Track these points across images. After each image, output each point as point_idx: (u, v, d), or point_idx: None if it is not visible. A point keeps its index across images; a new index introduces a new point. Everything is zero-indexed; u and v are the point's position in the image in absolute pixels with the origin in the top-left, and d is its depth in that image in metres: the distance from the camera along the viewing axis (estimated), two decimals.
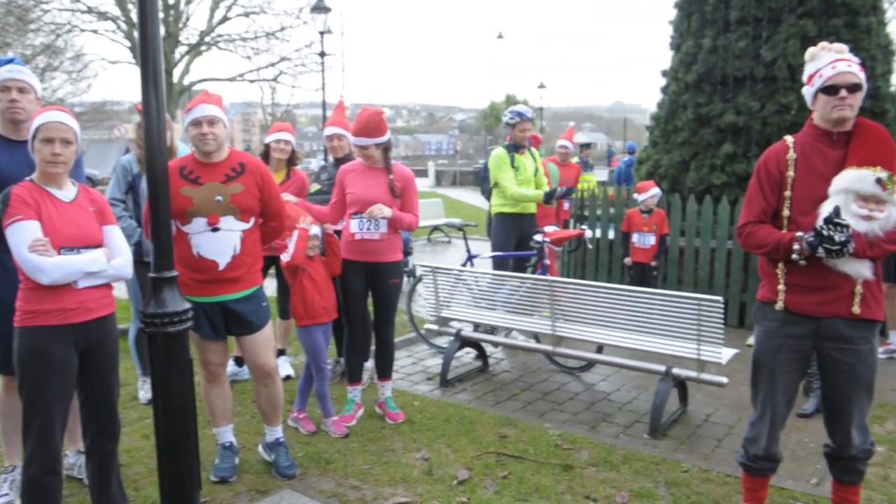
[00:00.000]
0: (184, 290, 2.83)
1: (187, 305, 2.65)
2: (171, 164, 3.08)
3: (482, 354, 5.51)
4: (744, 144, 7.71)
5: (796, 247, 2.63)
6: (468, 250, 6.10)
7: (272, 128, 5.11)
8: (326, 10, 18.73)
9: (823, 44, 2.82)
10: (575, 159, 13.04)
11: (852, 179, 2.58)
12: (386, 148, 4.19)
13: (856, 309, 2.64)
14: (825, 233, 2.53)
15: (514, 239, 5.78)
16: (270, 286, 4.61)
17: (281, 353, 5.25)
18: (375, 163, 4.20)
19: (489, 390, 4.98)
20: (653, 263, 6.33)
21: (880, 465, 3.69)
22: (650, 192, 6.38)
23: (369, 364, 4.84)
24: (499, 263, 5.77)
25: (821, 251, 2.55)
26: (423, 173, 38.99)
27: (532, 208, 5.79)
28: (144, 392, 4.73)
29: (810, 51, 2.82)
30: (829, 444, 2.97)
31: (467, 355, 5.69)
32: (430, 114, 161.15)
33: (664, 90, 8.96)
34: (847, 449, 2.88)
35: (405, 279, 6.45)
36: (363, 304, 4.33)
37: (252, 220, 3.44)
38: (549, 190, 5.58)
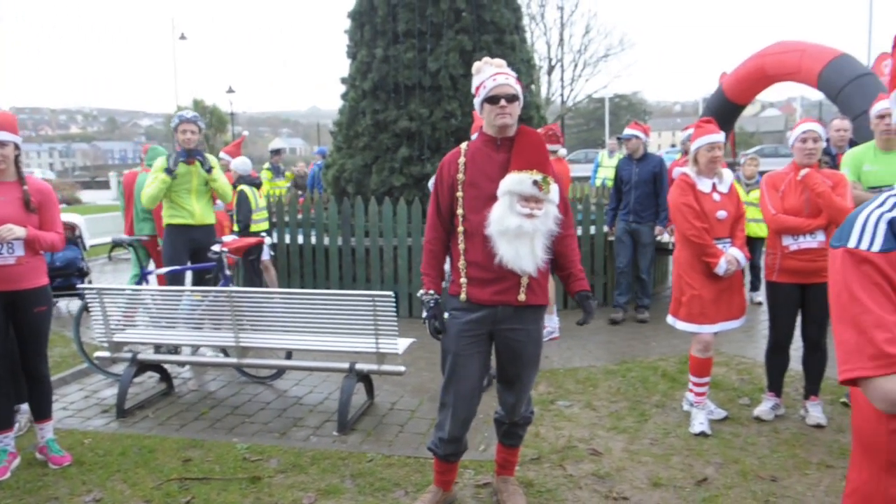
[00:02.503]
0: None
1: None
2: None
3: (166, 377, 5.15)
4: (418, 148, 8.32)
5: (423, 295, 3.11)
6: (142, 267, 5.66)
7: None
8: None
9: (487, 59, 3.14)
10: (266, 165, 12.94)
11: (514, 182, 2.91)
12: (17, 155, 3.69)
13: (521, 297, 2.99)
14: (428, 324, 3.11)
15: (186, 251, 5.47)
16: None
17: None
18: (4, 174, 3.66)
19: (174, 414, 4.68)
20: None
21: (533, 425, 4.23)
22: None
23: (25, 406, 4.24)
24: (174, 278, 5.43)
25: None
26: (104, 185, 35.36)
27: (209, 219, 5.55)
28: None
29: (476, 65, 3.12)
30: (499, 411, 3.33)
31: (150, 380, 5.28)
32: (112, 119, 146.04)
33: (344, 97, 9.29)
34: (514, 416, 3.25)
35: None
36: (3, 339, 3.75)
37: None
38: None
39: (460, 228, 3.03)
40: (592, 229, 7.52)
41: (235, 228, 7.21)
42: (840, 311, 1.31)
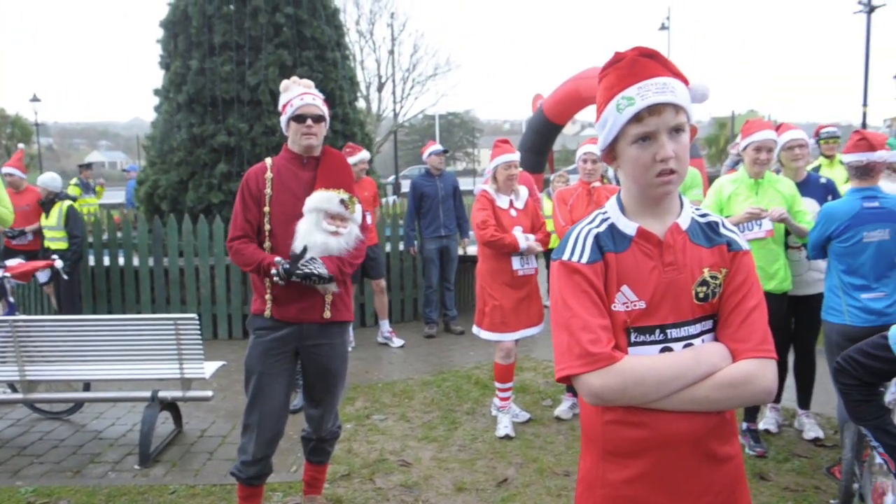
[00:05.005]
0: None
1: None
2: None
3: None
4: (237, 164, 8.09)
5: (273, 271, 2.88)
6: None
7: None
8: None
9: (294, 78, 3.14)
10: (74, 181, 12.00)
11: (321, 200, 2.94)
12: None
13: (326, 314, 3.02)
14: (307, 269, 2.84)
15: None
16: None
17: None
18: None
19: None
20: None
21: (346, 441, 4.26)
22: None
23: None
24: None
25: (296, 278, 2.85)
26: None
27: None
28: None
29: (283, 83, 3.11)
30: (306, 428, 3.31)
31: None
32: None
33: (157, 109, 8.85)
34: (321, 431, 3.25)
35: None
36: None
37: None
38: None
39: (267, 244, 3.01)
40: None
41: (65, 246, 6.68)
42: (556, 316, 1.47)
